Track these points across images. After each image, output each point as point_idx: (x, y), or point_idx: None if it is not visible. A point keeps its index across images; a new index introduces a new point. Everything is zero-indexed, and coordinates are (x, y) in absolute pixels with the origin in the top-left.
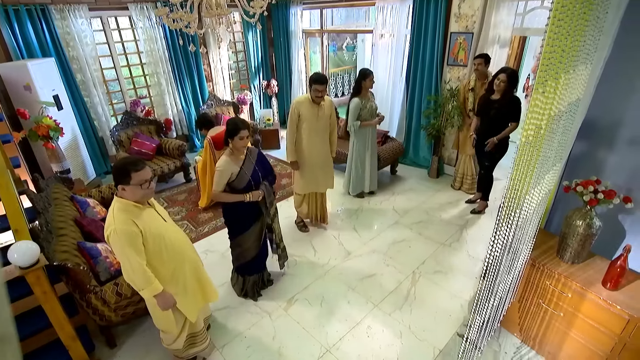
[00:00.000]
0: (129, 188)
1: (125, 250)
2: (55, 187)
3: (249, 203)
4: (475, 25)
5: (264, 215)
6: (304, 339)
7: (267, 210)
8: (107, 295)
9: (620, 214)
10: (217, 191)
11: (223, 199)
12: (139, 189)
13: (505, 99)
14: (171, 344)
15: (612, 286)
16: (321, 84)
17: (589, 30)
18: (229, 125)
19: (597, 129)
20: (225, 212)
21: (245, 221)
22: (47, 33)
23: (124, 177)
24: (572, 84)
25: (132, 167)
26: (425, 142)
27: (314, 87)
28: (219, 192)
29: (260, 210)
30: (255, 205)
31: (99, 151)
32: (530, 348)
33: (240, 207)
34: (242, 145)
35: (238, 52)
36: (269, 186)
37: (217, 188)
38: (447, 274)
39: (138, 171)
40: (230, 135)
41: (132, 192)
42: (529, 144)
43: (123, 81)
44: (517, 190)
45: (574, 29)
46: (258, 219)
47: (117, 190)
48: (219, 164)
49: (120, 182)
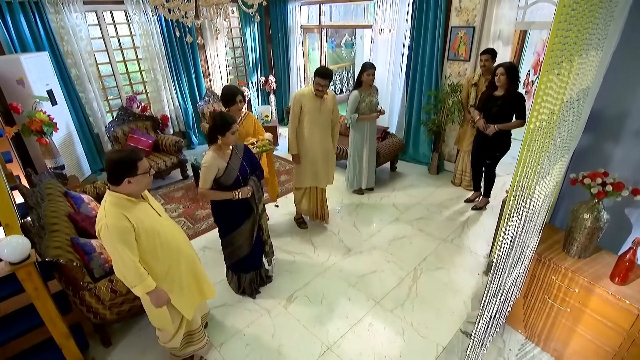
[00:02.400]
0: (136, 179)
1: (116, 246)
2: (49, 182)
3: (239, 200)
4: (476, 19)
5: (254, 212)
6: (304, 336)
7: (257, 206)
8: (102, 292)
9: (627, 207)
10: (205, 188)
11: (211, 196)
12: (146, 177)
13: (509, 95)
14: (168, 342)
15: (621, 280)
16: (324, 79)
17: (602, 13)
18: (217, 120)
19: (603, 120)
20: (215, 211)
21: (236, 219)
22: (40, 27)
23: (131, 168)
24: (584, 70)
25: (135, 157)
26: (426, 138)
27: (316, 80)
28: (206, 189)
29: (251, 206)
30: (245, 201)
31: (95, 148)
32: (535, 344)
33: (230, 205)
34: (234, 139)
35: (235, 47)
36: (257, 181)
37: (205, 185)
38: (449, 271)
39: (141, 159)
40: (221, 131)
41: (139, 182)
42: (541, 129)
43: (119, 77)
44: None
45: (589, 8)
46: (249, 216)
47: (111, 185)
48: (205, 160)
49: (128, 175)
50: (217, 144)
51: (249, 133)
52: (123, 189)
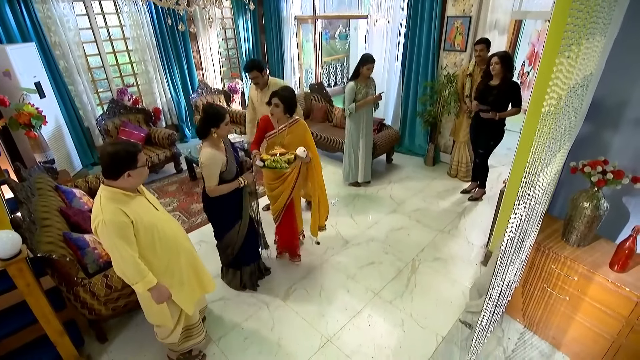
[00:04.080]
0: (136, 172)
1: (115, 242)
2: (39, 177)
3: (233, 198)
4: (472, 9)
5: (250, 206)
6: (303, 329)
7: (255, 194)
8: (96, 288)
9: (625, 195)
10: (213, 185)
11: (221, 191)
12: (145, 169)
13: (504, 84)
14: (166, 337)
15: (620, 268)
16: (249, 71)
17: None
18: (209, 113)
19: (602, 109)
20: (209, 211)
21: (230, 217)
22: (27, 17)
23: (131, 161)
24: (589, 55)
25: (134, 149)
26: (422, 129)
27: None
28: (215, 185)
29: (242, 205)
30: (238, 199)
31: (85, 141)
32: (534, 333)
33: (224, 204)
34: (228, 130)
35: (228, 39)
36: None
37: (213, 182)
38: (446, 261)
39: (140, 151)
40: (215, 123)
41: (139, 175)
42: (550, 114)
43: (109, 69)
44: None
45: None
46: (241, 216)
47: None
48: (206, 158)
49: (128, 168)
50: (212, 137)
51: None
52: (120, 183)
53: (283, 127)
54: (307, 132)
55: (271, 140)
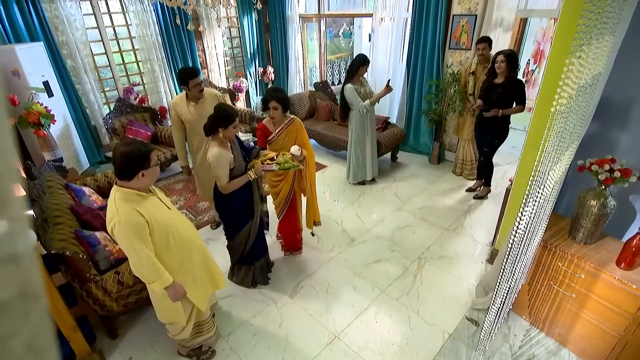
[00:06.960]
0: (149, 171)
1: (132, 243)
2: (49, 175)
3: (242, 197)
4: (478, 7)
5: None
6: (311, 325)
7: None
8: (108, 285)
9: (632, 193)
10: (225, 183)
11: (233, 187)
12: (157, 169)
13: (509, 82)
14: (178, 334)
15: (627, 266)
16: (193, 79)
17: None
18: (220, 113)
19: (610, 107)
20: (220, 210)
21: (242, 216)
22: (34, 16)
23: (145, 161)
24: (598, 54)
25: (147, 148)
26: (427, 127)
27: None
28: (227, 183)
29: (252, 202)
30: (249, 198)
31: (92, 140)
32: (540, 330)
33: (235, 203)
34: (235, 133)
35: (233, 37)
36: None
37: (224, 180)
38: (452, 259)
39: (153, 150)
40: (224, 124)
41: (152, 175)
42: (560, 113)
43: (115, 68)
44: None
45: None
46: (253, 214)
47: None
48: (215, 156)
49: (142, 168)
50: (218, 137)
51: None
52: (134, 184)
53: (280, 130)
54: (302, 129)
55: (271, 145)
